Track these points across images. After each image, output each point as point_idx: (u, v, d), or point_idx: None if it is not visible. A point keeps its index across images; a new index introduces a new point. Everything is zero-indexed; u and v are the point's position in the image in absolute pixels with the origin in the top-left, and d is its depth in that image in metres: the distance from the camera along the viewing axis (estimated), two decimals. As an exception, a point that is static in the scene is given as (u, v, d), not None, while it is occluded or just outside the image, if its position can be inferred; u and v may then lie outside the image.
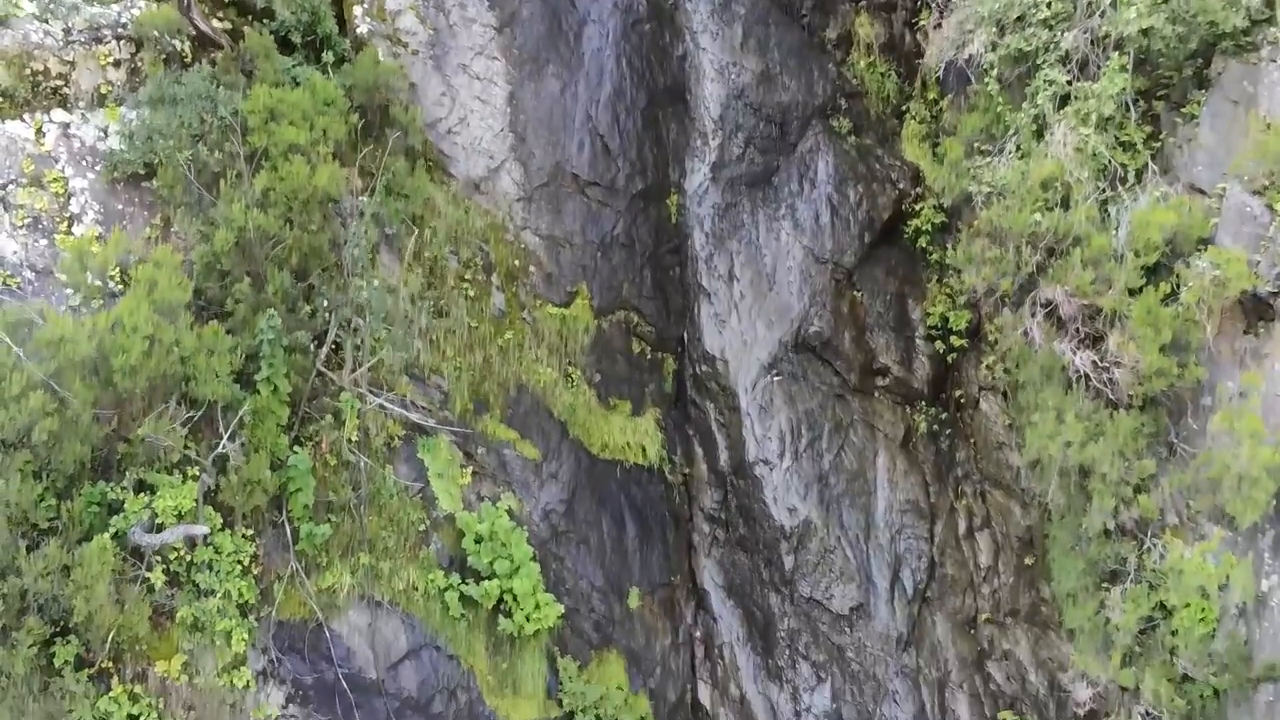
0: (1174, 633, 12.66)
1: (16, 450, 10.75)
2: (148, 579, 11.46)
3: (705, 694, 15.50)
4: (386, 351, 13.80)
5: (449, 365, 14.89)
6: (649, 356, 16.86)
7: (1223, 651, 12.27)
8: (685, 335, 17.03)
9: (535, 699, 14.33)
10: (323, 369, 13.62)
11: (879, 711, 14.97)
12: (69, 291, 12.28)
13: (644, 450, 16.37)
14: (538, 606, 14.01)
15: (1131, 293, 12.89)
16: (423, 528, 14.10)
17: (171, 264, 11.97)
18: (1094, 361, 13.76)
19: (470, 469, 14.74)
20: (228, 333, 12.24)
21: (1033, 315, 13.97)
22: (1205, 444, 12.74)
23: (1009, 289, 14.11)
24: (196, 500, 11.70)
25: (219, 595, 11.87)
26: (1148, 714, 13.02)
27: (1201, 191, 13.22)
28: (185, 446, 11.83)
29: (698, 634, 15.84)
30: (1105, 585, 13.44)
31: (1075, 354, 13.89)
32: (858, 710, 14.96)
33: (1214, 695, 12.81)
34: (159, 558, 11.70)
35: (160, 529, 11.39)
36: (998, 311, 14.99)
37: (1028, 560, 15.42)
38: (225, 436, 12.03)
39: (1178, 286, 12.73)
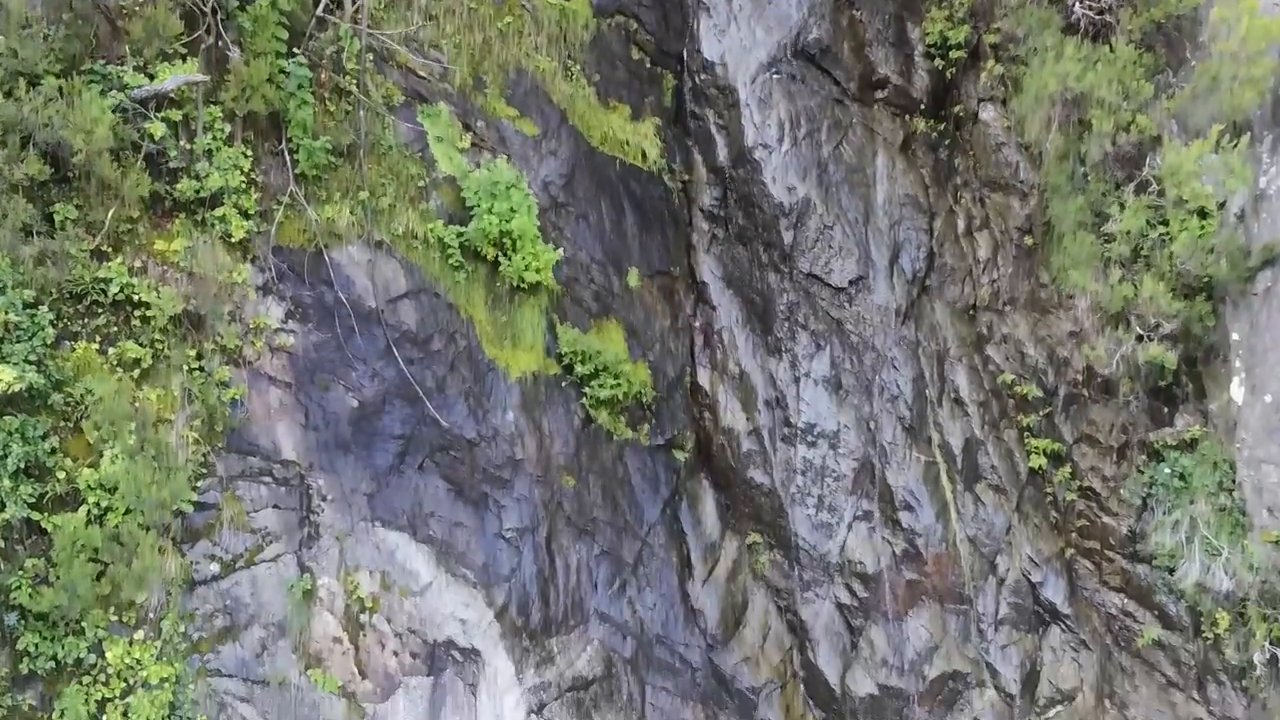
0: (1171, 238, 12.62)
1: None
2: (148, 134, 11.40)
3: (704, 377, 15.50)
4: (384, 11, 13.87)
5: (448, 42, 14.93)
6: (648, 67, 16.89)
7: (1221, 247, 12.25)
8: (684, 52, 17.04)
9: (534, 352, 14.36)
10: (322, 14, 13.70)
11: (878, 378, 14.95)
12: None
13: (644, 154, 16.39)
14: (536, 256, 14.04)
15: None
16: (422, 183, 14.13)
17: None
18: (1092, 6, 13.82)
19: (469, 138, 14.77)
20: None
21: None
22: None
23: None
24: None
25: (219, 174, 11.91)
26: (1141, 336, 12.98)
27: None
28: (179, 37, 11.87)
29: (697, 323, 15.85)
30: (1104, 215, 13.42)
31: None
32: (856, 378, 14.95)
33: (1209, 305, 12.82)
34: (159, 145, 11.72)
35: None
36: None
37: (1028, 241, 15.37)
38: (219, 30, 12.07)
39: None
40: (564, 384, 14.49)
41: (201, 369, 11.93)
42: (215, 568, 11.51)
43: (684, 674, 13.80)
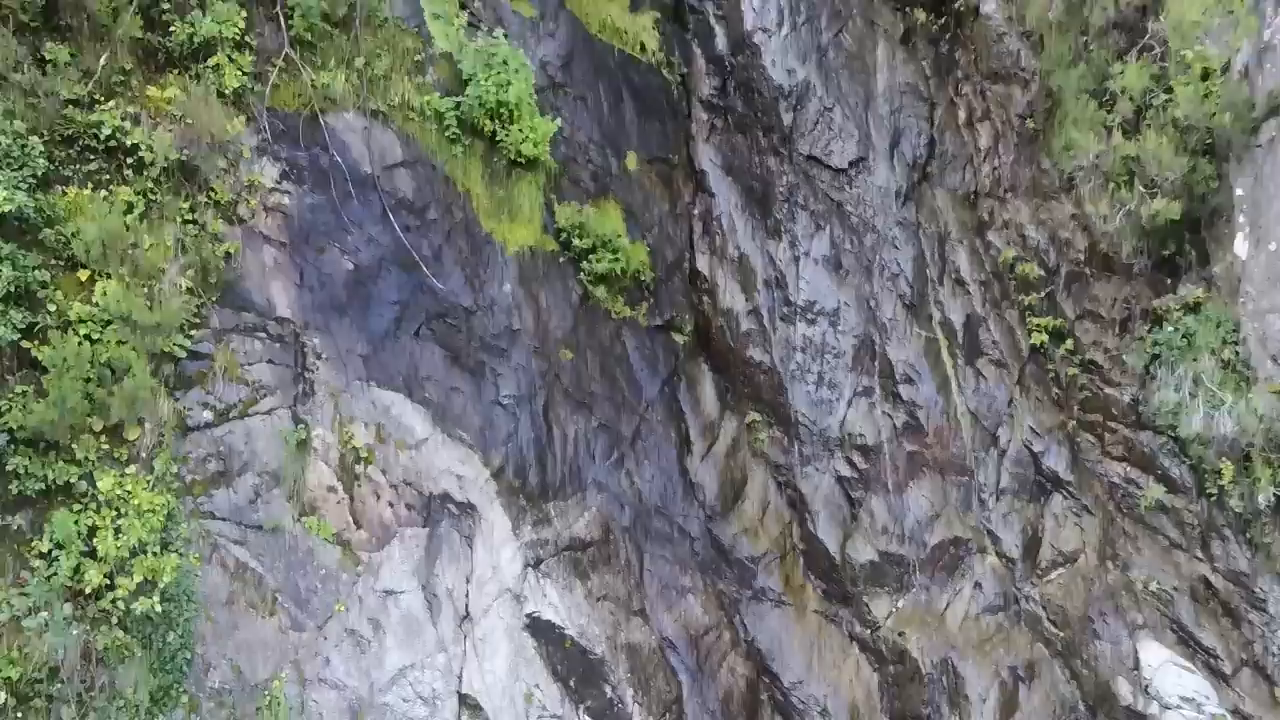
0: (1174, 100, 12.50)
1: None
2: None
3: (703, 262, 15.38)
4: None
5: (442, -83, 14.81)
6: (645, -40, 16.79)
7: (1225, 100, 12.12)
8: (680, -49, 16.94)
9: (532, 226, 14.24)
10: None
11: (878, 258, 14.83)
12: None
13: (642, 45, 16.27)
14: (534, 128, 13.92)
15: None
16: (419, 57, 13.99)
17: None
18: None
19: (465, 16, 14.64)
20: None
21: None
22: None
23: None
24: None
25: (213, 23, 11.79)
26: (1144, 195, 12.85)
27: None
28: None
29: (696, 211, 15.72)
30: (1106, 86, 13.29)
31: None
32: (856, 258, 14.82)
33: (1212, 166, 12.70)
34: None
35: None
36: None
37: (1030, 125, 15.24)
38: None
39: None
40: (561, 260, 14.37)
41: (195, 221, 11.80)
42: (208, 415, 11.38)
43: (682, 544, 13.68)
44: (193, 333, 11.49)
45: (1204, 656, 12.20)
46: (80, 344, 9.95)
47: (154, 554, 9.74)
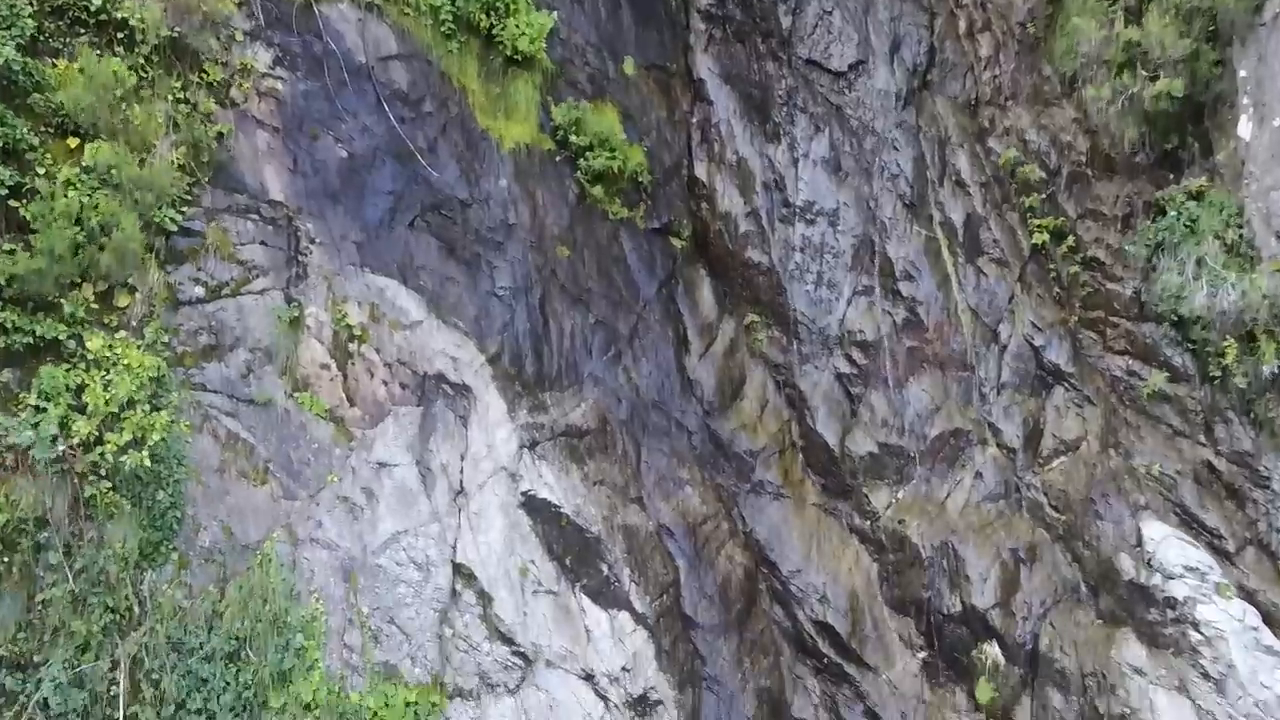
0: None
1: None
2: None
3: (701, 169, 15.23)
4: None
5: None
6: None
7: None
8: None
9: (528, 124, 14.10)
10: None
11: (878, 160, 14.68)
12: None
13: (639, -46, 16.15)
14: (530, 24, 13.78)
15: None
16: (412, -44, 13.87)
17: None
18: None
19: (461, -87, 14.50)
20: None
21: None
22: None
23: None
24: None
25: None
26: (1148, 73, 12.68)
27: None
28: None
29: (694, 119, 15.58)
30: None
31: None
32: (856, 160, 14.67)
33: (1214, 49, 12.55)
34: None
35: None
36: None
37: (1031, 30, 15.09)
38: None
39: None
40: (558, 159, 14.23)
41: (187, 100, 11.66)
42: (200, 291, 11.25)
43: (680, 437, 13.54)
44: (184, 209, 11.37)
45: (1207, 537, 12.06)
46: (68, 197, 9.81)
47: (143, 411, 9.60)
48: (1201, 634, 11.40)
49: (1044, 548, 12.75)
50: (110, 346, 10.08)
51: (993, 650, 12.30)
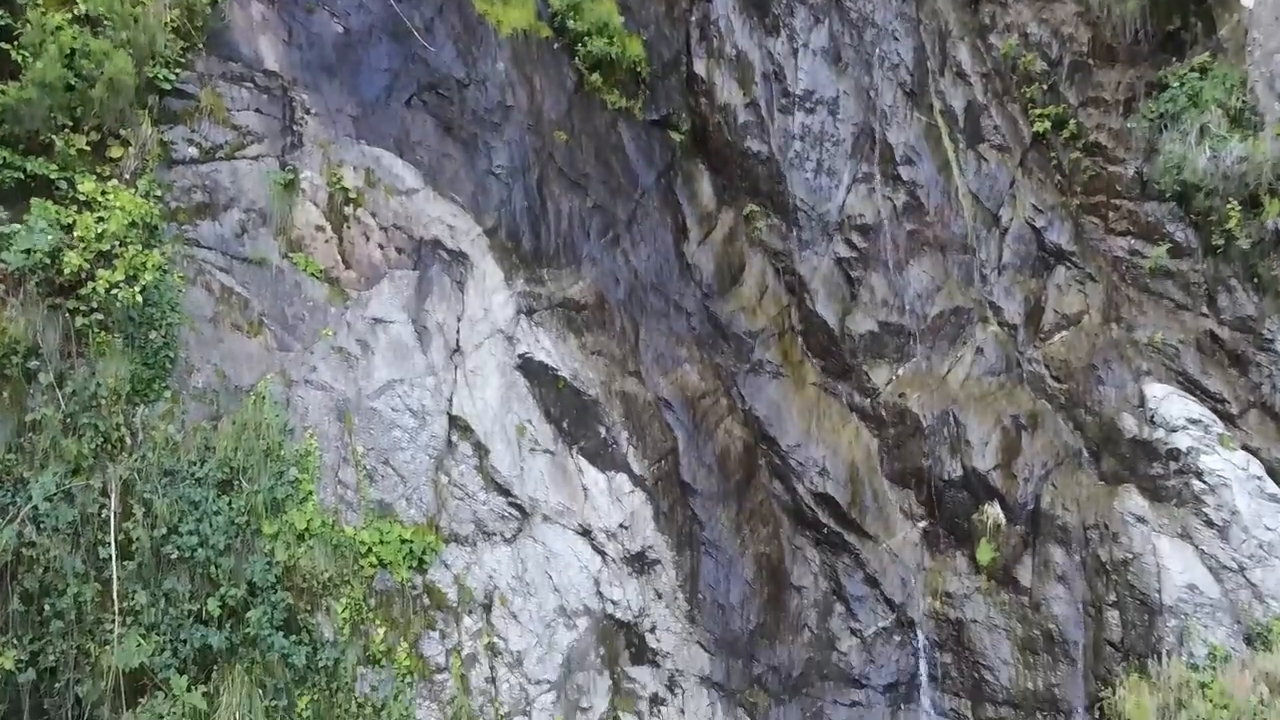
0: None
1: None
2: None
3: (700, 66, 15.11)
4: None
5: None
6: None
7: None
8: None
9: (525, 10, 13.99)
10: None
11: (878, 50, 14.56)
12: None
13: None
14: (527, -92, 13.68)
15: None
16: None
17: None
18: None
19: None
20: None
21: None
22: None
23: None
24: None
25: None
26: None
27: None
28: None
29: (693, 18, 15.46)
30: None
31: None
32: (856, 51, 14.56)
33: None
34: None
35: None
36: None
37: (1031, -75, 14.98)
38: None
39: None
40: (556, 46, 14.12)
41: (179, -35, 11.55)
42: (194, 151, 11.14)
43: (679, 319, 13.42)
44: (178, 71, 11.26)
45: (1210, 403, 11.96)
46: (59, 33, 9.68)
47: (135, 249, 9.48)
48: (1205, 483, 11.30)
49: (1045, 415, 12.64)
50: (103, 191, 9.97)
51: (994, 511, 12.18)
